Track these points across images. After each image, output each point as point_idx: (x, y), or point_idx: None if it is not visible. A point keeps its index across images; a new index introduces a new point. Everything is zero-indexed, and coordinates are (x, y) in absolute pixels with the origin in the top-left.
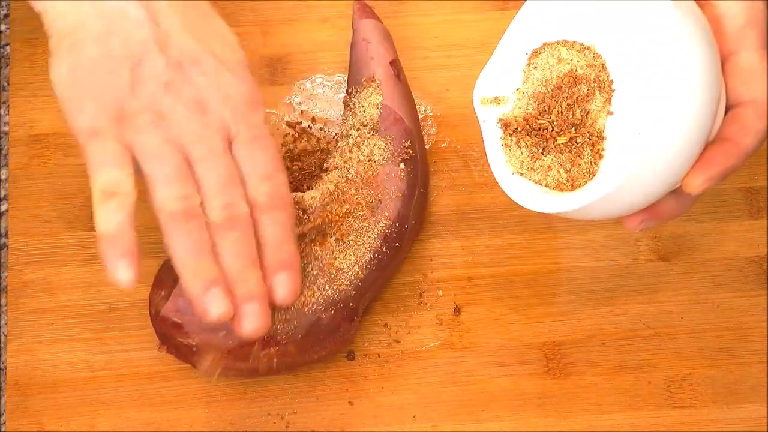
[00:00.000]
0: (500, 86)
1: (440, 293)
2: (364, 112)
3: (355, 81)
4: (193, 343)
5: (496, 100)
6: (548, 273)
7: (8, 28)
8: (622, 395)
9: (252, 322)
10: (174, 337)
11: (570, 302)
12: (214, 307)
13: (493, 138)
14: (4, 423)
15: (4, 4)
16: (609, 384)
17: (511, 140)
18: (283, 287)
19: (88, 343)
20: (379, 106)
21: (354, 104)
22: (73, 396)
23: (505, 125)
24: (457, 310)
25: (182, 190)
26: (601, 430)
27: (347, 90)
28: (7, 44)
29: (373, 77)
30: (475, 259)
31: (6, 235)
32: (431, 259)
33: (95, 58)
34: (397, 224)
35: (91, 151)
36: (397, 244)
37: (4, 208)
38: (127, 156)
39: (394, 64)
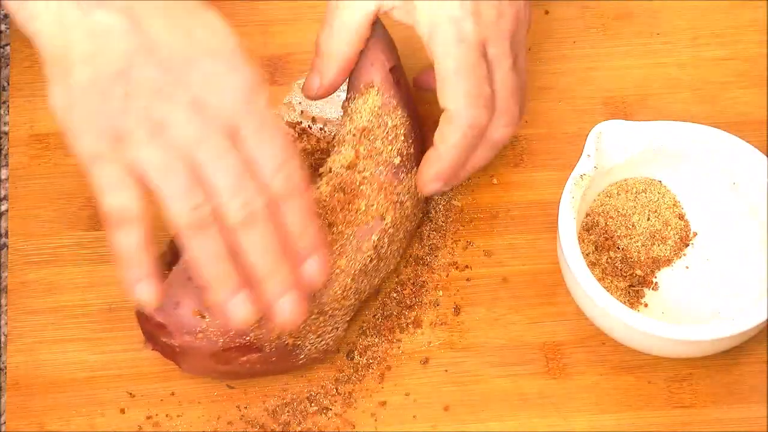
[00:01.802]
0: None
1: (440, 293)
2: (361, 117)
3: (354, 87)
4: (176, 344)
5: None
6: (548, 273)
7: (8, 28)
8: (622, 395)
9: (290, 314)
10: (158, 337)
11: (570, 302)
12: (240, 312)
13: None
14: (4, 423)
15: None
16: (609, 384)
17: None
18: (315, 271)
19: (88, 343)
20: (379, 113)
21: (351, 110)
22: (73, 396)
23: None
24: (457, 310)
25: (193, 200)
26: (601, 430)
27: (347, 95)
28: (7, 44)
29: (372, 83)
30: (475, 259)
31: (6, 235)
32: (431, 259)
33: (86, 82)
34: (390, 230)
35: (96, 177)
36: (387, 251)
37: (4, 208)
38: (130, 177)
39: (395, 70)
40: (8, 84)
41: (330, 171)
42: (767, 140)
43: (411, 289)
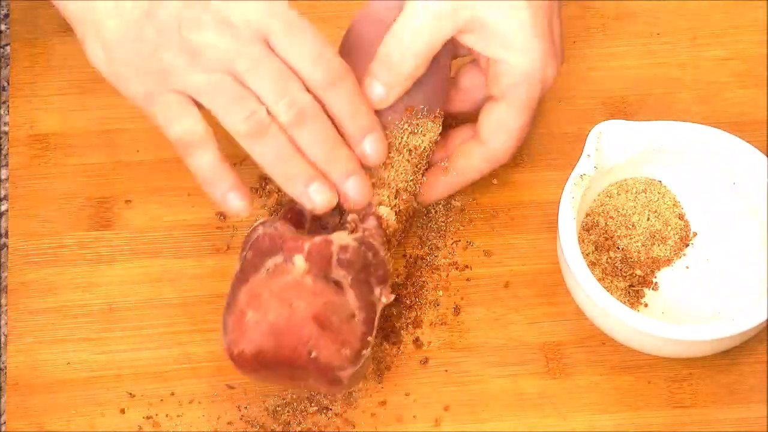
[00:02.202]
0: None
1: (440, 293)
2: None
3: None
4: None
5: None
6: (548, 273)
7: (8, 28)
8: (622, 395)
9: (357, 194)
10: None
11: (570, 302)
12: (319, 199)
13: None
14: (4, 423)
15: (4, 4)
16: (609, 384)
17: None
18: (373, 150)
19: (88, 343)
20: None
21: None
22: (73, 396)
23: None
24: (457, 310)
25: (244, 110)
26: (601, 430)
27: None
28: (7, 44)
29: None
30: (475, 259)
31: (6, 235)
32: (431, 259)
33: (117, 32)
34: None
35: (154, 114)
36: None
37: (4, 208)
38: (185, 102)
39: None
40: (8, 84)
41: None
42: (767, 140)
43: (411, 289)
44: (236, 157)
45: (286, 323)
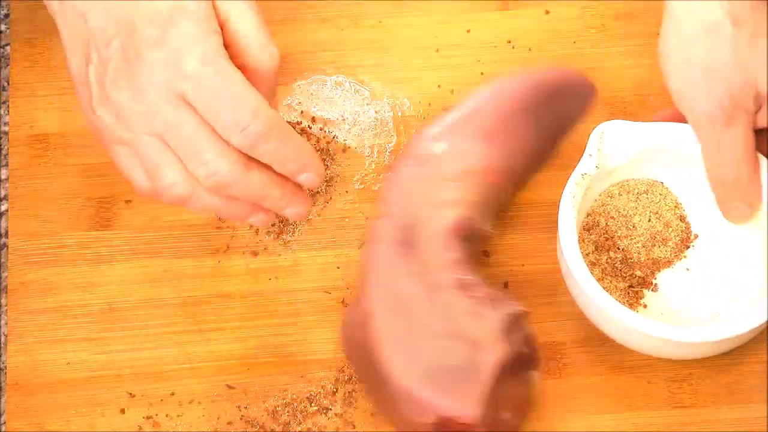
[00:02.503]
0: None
1: None
2: None
3: None
4: None
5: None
6: (548, 273)
7: (8, 28)
8: (622, 395)
9: (296, 217)
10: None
11: (570, 302)
12: (260, 222)
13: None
14: (4, 423)
15: (4, 4)
16: (609, 384)
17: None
18: (309, 183)
19: (88, 343)
20: None
21: None
22: (73, 396)
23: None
24: None
25: (165, 178)
26: (601, 430)
27: None
28: (7, 44)
29: None
30: (475, 259)
31: (6, 235)
32: None
33: (74, 72)
34: None
35: (117, 162)
36: None
37: (4, 208)
38: (131, 156)
39: None
40: (8, 84)
41: None
42: (766, 140)
43: None
44: None
45: None
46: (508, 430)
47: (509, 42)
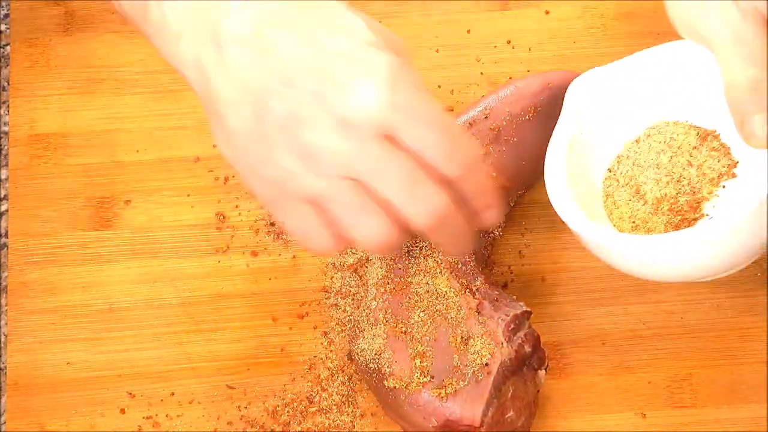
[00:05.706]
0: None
1: None
2: None
3: None
4: None
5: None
6: (548, 273)
7: (8, 28)
8: (622, 395)
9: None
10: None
11: (570, 302)
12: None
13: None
14: (5, 423)
15: (4, 4)
16: (609, 384)
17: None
18: (490, 220)
19: (88, 343)
20: None
21: None
22: (73, 396)
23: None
24: None
25: (369, 225)
26: (601, 430)
27: None
28: (7, 44)
29: None
30: (476, 260)
31: (6, 235)
32: None
33: (239, 129)
34: None
35: (283, 224)
36: None
37: (4, 208)
38: (311, 215)
39: None
40: (8, 84)
41: None
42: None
43: None
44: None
45: None
46: (516, 430)
47: (509, 42)
